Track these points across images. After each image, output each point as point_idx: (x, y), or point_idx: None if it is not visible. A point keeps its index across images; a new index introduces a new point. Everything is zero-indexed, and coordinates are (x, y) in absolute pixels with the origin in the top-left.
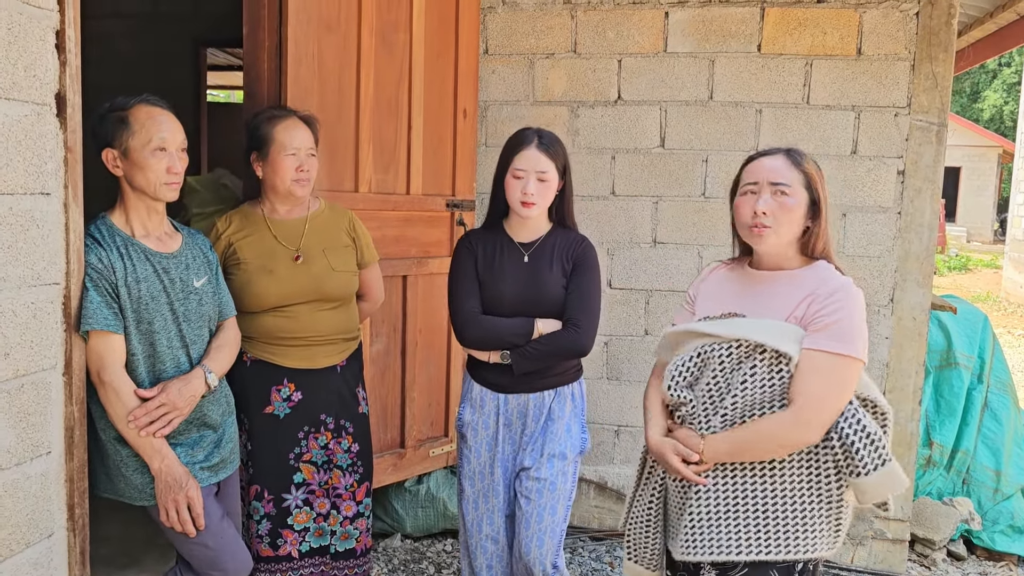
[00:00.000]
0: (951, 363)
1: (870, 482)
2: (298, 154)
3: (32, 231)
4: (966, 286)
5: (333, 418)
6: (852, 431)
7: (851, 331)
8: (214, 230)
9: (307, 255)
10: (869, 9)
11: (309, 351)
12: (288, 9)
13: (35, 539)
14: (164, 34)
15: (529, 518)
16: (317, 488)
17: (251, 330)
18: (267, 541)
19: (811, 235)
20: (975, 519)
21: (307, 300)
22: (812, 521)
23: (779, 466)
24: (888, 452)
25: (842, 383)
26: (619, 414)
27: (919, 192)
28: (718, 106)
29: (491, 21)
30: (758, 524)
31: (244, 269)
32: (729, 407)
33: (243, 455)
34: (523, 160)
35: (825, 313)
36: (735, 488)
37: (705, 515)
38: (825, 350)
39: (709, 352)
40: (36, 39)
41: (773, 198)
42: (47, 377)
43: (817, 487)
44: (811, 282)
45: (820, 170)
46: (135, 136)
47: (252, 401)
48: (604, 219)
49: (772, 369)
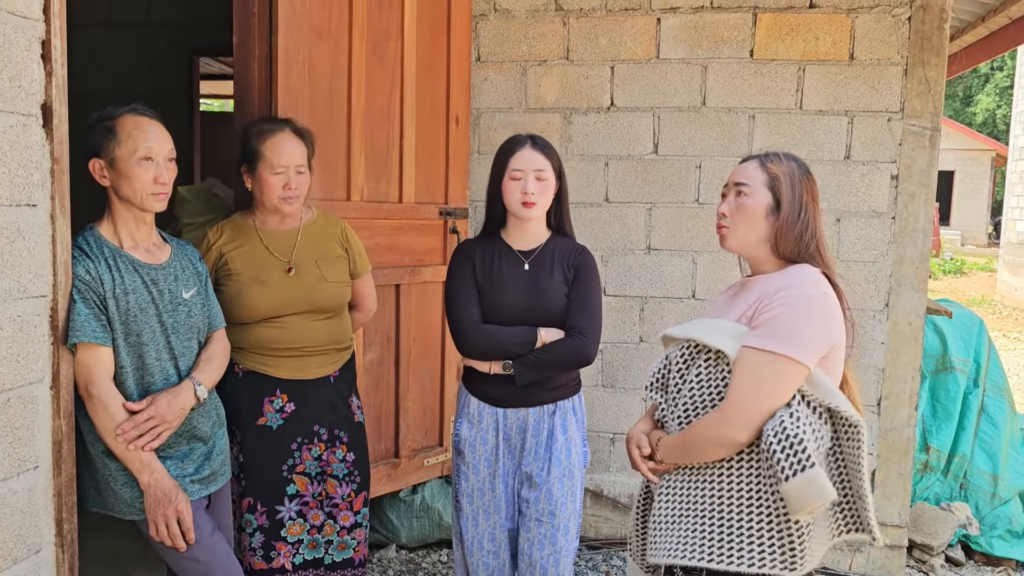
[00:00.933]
0: (947, 367)
1: (791, 489)
2: (286, 172)
3: (18, 243)
4: (961, 290)
5: (327, 428)
6: (772, 434)
7: (788, 330)
8: (205, 241)
9: (299, 266)
10: (861, 14)
11: (302, 361)
12: (278, 17)
13: (22, 555)
14: (157, 43)
15: (543, 539)
16: (311, 499)
17: (243, 341)
18: (260, 554)
19: (775, 235)
20: (973, 524)
21: (299, 311)
22: (757, 531)
23: (725, 470)
24: (810, 459)
25: (769, 381)
26: (615, 422)
27: (913, 196)
28: (711, 112)
29: (483, 28)
30: (704, 529)
31: (235, 280)
32: (681, 409)
33: (235, 468)
34: (520, 160)
35: (764, 311)
36: (687, 491)
37: (662, 518)
38: (755, 347)
39: (671, 355)
40: (21, 49)
41: (734, 199)
42: (34, 391)
43: (756, 495)
44: (772, 283)
45: (804, 172)
46: (121, 146)
47: (244, 412)
48: (598, 226)
49: (715, 369)
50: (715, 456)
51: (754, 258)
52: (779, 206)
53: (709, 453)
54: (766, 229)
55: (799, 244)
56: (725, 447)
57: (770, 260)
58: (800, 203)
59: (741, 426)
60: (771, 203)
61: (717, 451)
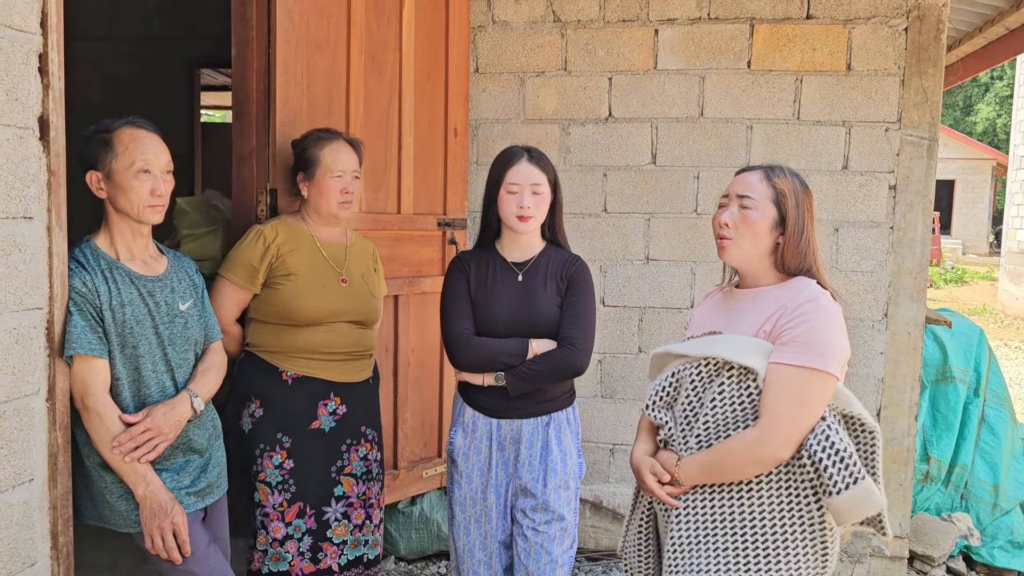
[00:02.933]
0: (947, 377)
1: (842, 501)
2: (344, 176)
3: (14, 255)
4: (962, 299)
5: (372, 429)
6: (820, 447)
7: (818, 344)
8: (261, 238)
9: (351, 279)
10: (858, 25)
11: (348, 365)
12: (276, 30)
13: (17, 569)
14: (158, 55)
15: (540, 550)
16: (355, 500)
17: (293, 346)
18: (308, 557)
19: (781, 251)
20: (974, 535)
21: (348, 320)
22: (793, 545)
23: (755, 487)
24: (860, 470)
25: (808, 397)
26: (614, 432)
27: (911, 207)
28: (709, 122)
29: (481, 40)
30: (736, 548)
31: (294, 282)
32: (702, 427)
33: (280, 475)
34: (516, 174)
35: (791, 326)
36: (712, 511)
37: (684, 539)
38: (789, 363)
39: (682, 373)
40: (18, 62)
41: (739, 210)
42: (30, 403)
43: (795, 508)
44: (783, 296)
45: (804, 188)
46: (118, 158)
47: (296, 418)
48: (596, 236)
49: (740, 386)
50: (752, 475)
51: (752, 271)
52: (783, 221)
53: (746, 472)
54: (769, 243)
55: (802, 259)
56: (766, 465)
57: (769, 273)
58: (802, 218)
59: (783, 444)
60: (776, 218)
61: (756, 470)
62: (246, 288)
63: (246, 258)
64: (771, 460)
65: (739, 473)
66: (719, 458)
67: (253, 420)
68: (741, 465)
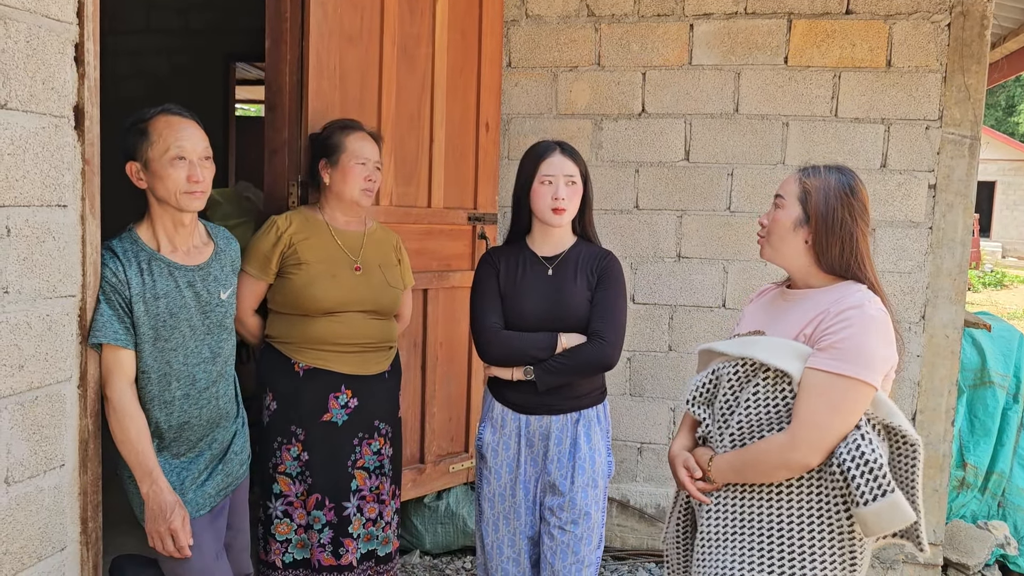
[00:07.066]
0: (985, 382)
1: (869, 513)
2: (368, 164)
3: (48, 243)
4: (1002, 303)
5: (386, 424)
6: (849, 457)
7: (857, 351)
8: (274, 227)
9: (366, 267)
10: (899, 21)
11: (362, 357)
12: (310, 22)
13: (47, 553)
14: (195, 49)
15: (566, 549)
16: (368, 493)
17: (304, 337)
18: (329, 550)
19: (812, 250)
20: (1011, 543)
21: (361, 309)
22: (820, 551)
23: (784, 491)
24: (890, 483)
25: (842, 405)
26: (642, 431)
27: (951, 207)
28: (744, 119)
29: (514, 34)
30: (762, 549)
31: (306, 271)
32: (736, 427)
33: (299, 466)
34: (550, 166)
35: (831, 332)
36: (740, 510)
37: (712, 536)
38: (826, 370)
39: (721, 371)
40: (55, 52)
41: (773, 210)
42: (62, 390)
43: (824, 515)
44: (828, 300)
45: (846, 187)
46: (153, 147)
47: (308, 410)
48: (627, 233)
49: (775, 389)
50: (781, 478)
51: (797, 271)
52: (808, 219)
53: (775, 476)
54: (798, 242)
55: (840, 260)
56: (794, 470)
57: (815, 274)
58: (833, 217)
59: (813, 450)
60: (799, 216)
61: (784, 474)
62: (260, 278)
63: (259, 248)
64: (799, 466)
65: (768, 475)
66: (750, 459)
67: (269, 413)
68: (770, 468)
